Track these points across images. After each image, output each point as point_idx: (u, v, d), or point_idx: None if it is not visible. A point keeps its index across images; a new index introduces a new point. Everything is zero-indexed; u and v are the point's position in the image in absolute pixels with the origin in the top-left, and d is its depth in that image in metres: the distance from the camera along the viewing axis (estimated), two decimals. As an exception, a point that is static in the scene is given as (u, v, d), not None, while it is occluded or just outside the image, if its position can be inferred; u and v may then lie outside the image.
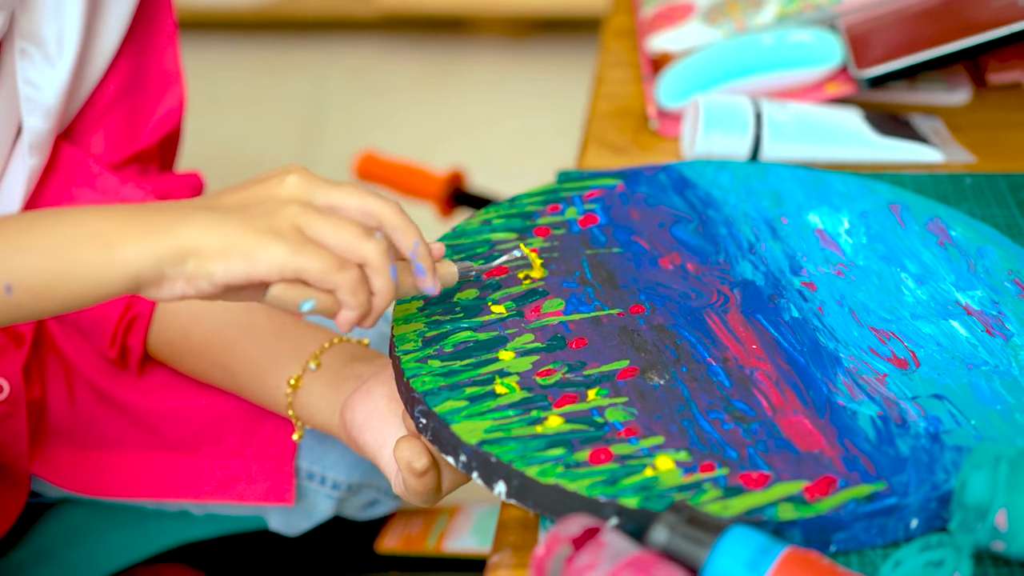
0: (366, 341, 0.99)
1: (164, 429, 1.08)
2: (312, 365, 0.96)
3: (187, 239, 0.76)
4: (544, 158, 1.85)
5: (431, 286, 0.82)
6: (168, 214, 0.78)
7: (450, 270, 0.85)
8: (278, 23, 2.74)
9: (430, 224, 1.65)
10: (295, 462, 1.09)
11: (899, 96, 1.22)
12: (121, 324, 1.03)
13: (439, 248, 0.85)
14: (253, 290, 0.79)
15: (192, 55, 2.67)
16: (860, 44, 1.16)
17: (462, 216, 1.81)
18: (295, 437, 0.98)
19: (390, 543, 1.31)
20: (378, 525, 1.32)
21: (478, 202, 1.79)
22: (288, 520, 1.15)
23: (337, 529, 1.27)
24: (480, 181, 1.93)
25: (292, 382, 0.96)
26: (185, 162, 1.26)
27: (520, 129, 2.50)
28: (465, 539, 1.32)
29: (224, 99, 2.58)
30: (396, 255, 0.81)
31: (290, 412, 0.97)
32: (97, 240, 0.79)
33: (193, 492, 1.08)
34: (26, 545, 1.18)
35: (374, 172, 1.80)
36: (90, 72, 1.05)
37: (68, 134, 1.06)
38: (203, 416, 1.08)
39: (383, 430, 0.88)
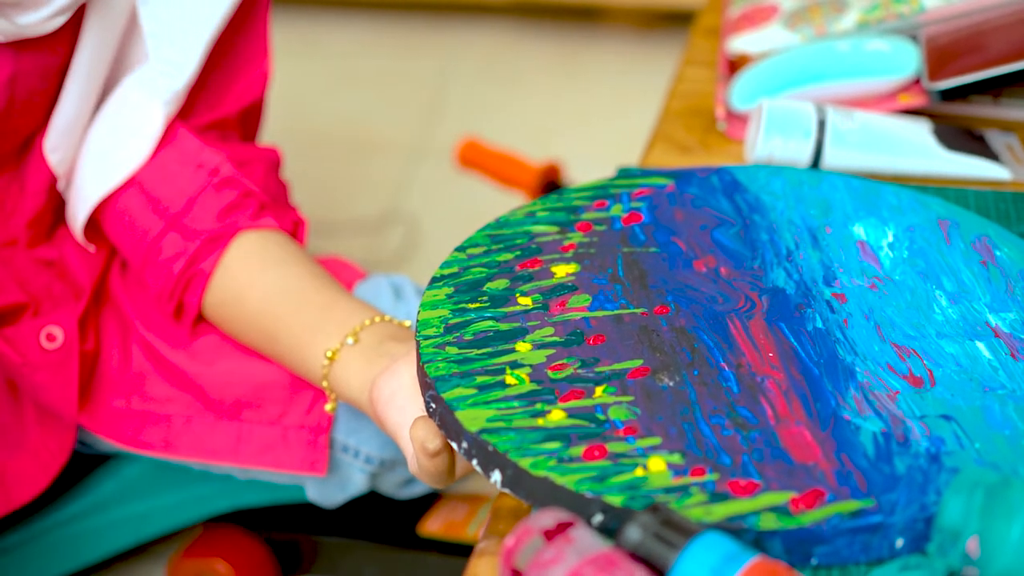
0: (407, 323, 1.01)
1: (209, 392, 1.12)
2: (350, 340, 0.98)
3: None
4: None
5: None
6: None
7: None
8: (411, 4, 2.78)
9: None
10: (331, 434, 1.12)
11: (980, 110, 1.20)
12: (181, 280, 1.07)
13: None
14: None
15: (328, 33, 2.73)
16: (936, 56, 1.15)
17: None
18: (328, 408, 1.01)
19: (432, 526, 1.33)
20: (423, 506, 1.34)
21: (569, 196, 1.80)
22: (323, 491, 1.18)
23: (384, 506, 1.30)
24: (597, 173, 1.94)
25: (329, 355, 0.99)
26: (309, 135, 1.30)
27: (645, 121, 2.49)
28: None
29: (355, 77, 2.62)
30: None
31: (324, 384, 1.00)
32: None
33: (231, 456, 1.12)
34: (81, 497, 1.23)
35: (474, 159, 1.82)
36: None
37: None
38: (247, 383, 1.11)
39: (406, 409, 0.90)
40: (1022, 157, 1.13)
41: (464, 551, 1.32)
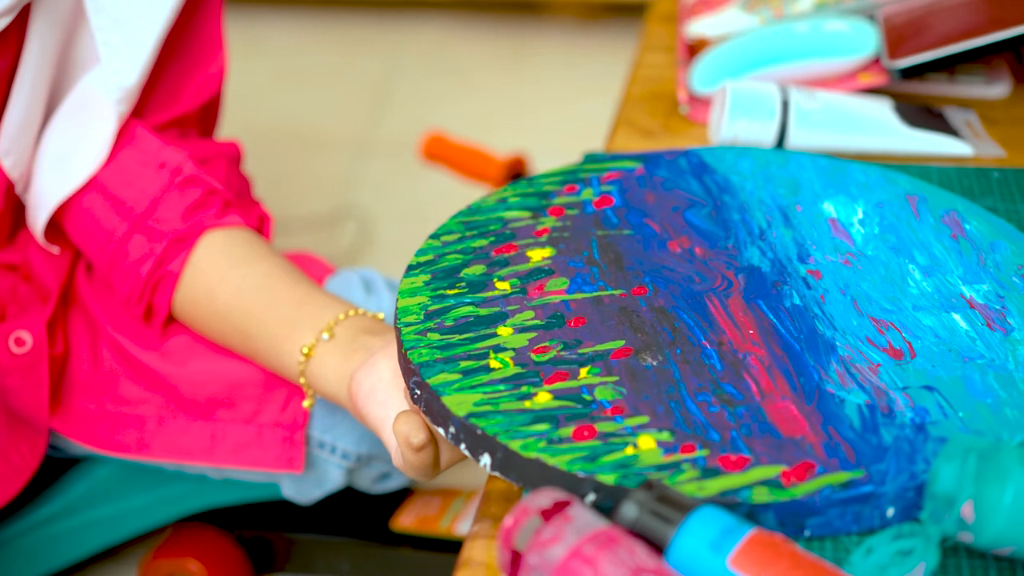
0: (381, 315, 1.01)
1: (182, 392, 1.11)
2: (325, 335, 0.98)
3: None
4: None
5: None
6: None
7: None
8: (352, 1, 2.77)
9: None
10: (306, 431, 1.12)
11: (936, 88, 1.22)
12: (149, 282, 1.06)
13: None
14: None
15: (269, 31, 2.72)
16: (895, 34, 1.16)
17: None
18: (305, 404, 1.01)
19: (405, 521, 1.33)
20: (396, 501, 1.34)
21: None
22: (300, 488, 1.17)
23: (357, 502, 1.30)
24: (547, 164, 1.94)
25: (305, 351, 0.98)
26: (255, 134, 1.30)
27: (590, 112, 2.50)
28: None
29: (298, 75, 2.61)
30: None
31: (302, 380, 0.99)
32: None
33: (206, 455, 1.11)
34: (51, 501, 1.22)
35: (439, 152, 1.81)
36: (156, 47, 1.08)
37: None
38: (220, 382, 1.10)
39: (387, 403, 0.90)
40: (981, 133, 1.15)
41: (437, 545, 1.32)
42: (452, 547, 1.32)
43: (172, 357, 1.11)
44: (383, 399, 0.90)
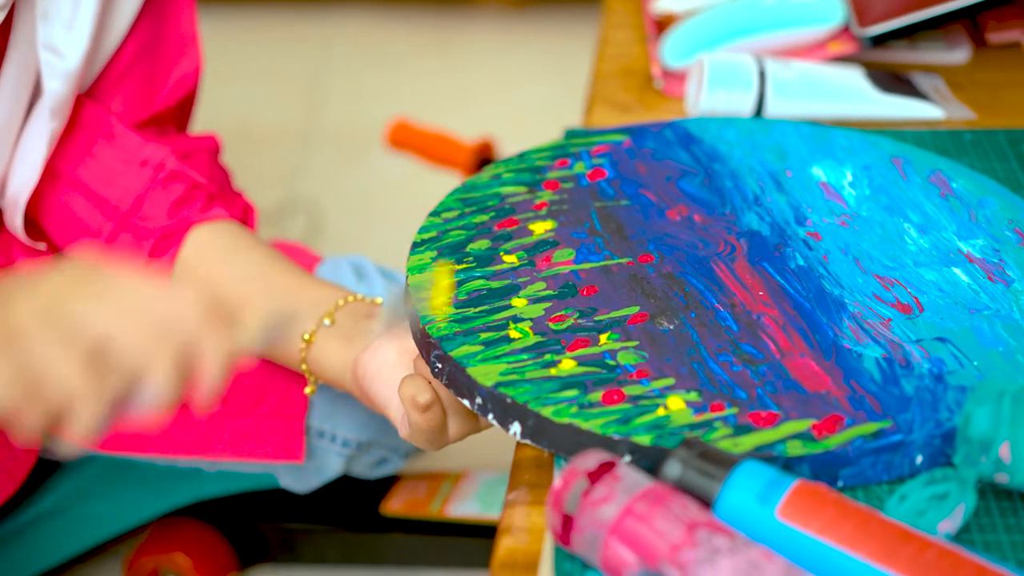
0: (379, 300, 1.01)
1: None
2: (326, 321, 0.98)
3: None
4: (549, 126, 1.87)
5: None
6: None
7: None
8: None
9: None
10: (306, 420, 1.11)
11: (900, 55, 1.24)
12: None
13: None
14: None
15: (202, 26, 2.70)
16: (862, 3, 1.18)
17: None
18: (308, 391, 1.00)
19: (394, 506, 1.33)
20: (384, 487, 1.34)
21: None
22: (298, 477, 1.17)
23: (343, 490, 1.29)
24: (500, 150, 1.95)
25: (306, 337, 0.98)
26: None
27: (524, 97, 2.51)
28: (468, 505, 1.34)
29: (229, 70, 2.59)
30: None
31: (303, 367, 0.99)
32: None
33: (204, 450, 1.10)
34: (41, 500, 1.20)
35: (405, 140, 1.80)
36: (110, 35, 1.06)
37: (89, 95, 1.08)
38: None
39: (393, 383, 0.90)
40: (948, 97, 1.17)
41: (428, 528, 1.32)
42: (443, 530, 1.33)
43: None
44: (389, 379, 0.90)
